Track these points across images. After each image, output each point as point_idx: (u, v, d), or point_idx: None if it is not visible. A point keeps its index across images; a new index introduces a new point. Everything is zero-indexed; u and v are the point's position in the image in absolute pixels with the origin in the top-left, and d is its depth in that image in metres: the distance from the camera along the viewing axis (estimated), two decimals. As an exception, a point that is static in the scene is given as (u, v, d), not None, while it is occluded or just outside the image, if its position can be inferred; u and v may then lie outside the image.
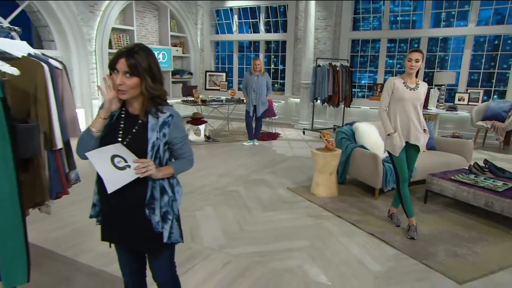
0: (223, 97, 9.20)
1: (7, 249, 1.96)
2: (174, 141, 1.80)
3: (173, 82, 11.00)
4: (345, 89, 8.87)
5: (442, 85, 8.39)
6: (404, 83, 3.67)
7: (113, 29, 9.17)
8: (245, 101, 8.06)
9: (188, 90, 10.10)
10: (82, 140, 1.76)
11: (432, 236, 3.75)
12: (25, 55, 2.08)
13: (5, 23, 6.73)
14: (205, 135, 8.19)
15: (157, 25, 10.78)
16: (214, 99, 8.90)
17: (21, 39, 2.72)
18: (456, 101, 8.67)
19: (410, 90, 3.65)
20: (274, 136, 8.81)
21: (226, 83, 11.34)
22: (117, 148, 1.64)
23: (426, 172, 4.77)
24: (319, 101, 9.06)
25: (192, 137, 7.99)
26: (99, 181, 1.76)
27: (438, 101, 8.37)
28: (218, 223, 4.02)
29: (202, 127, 8.07)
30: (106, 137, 1.73)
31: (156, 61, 1.72)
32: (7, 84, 1.89)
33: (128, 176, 1.65)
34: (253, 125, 8.03)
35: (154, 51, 1.77)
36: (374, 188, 4.79)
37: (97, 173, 1.75)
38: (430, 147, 5.54)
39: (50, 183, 2.33)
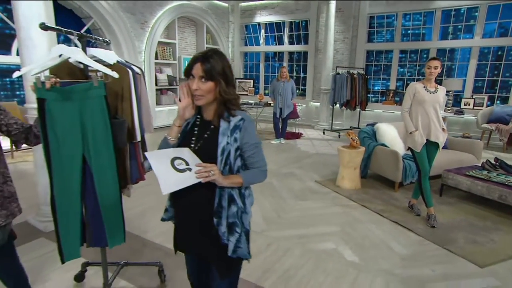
0: (252, 101, 9.23)
1: (110, 218, 2.07)
2: (245, 147, 1.55)
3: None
4: (361, 94, 8.81)
5: (449, 91, 8.23)
6: (424, 87, 3.69)
7: (159, 42, 9.32)
8: (272, 104, 8.08)
9: (220, 95, 10.20)
10: (160, 148, 1.63)
11: (450, 225, 3.71)
12: (115, 62, 2.15)
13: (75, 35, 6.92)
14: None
15: (195, 39, 10.90)
16: (244, 103, 8.93)
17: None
18: (462, 106, 8.51)
19: (430, 93, 3.66)
20: (297, 136, 8.80)
21: (254, 88, 11.37)
22: (181, 152, 1.47)
23: (440, 168, 4.71)
24: (337, 104, 9.03)
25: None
26: None
27: (446, 105, 8.23)
28: (258, 210, 4.06)
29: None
30: (181, 144, 1.59)
31: (229, 64, 1.55)
32: (104, 85, 1.97)
33: (187, 179, 1.42)
34: (279, 125, 8.06)
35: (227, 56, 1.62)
36: (394, 181, 4.76)
37: None
38: (442, 146, 5.46)
39: (131, 170, 2.41)
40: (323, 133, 9.29)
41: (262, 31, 11.48)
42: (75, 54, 1.85)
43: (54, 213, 1.98)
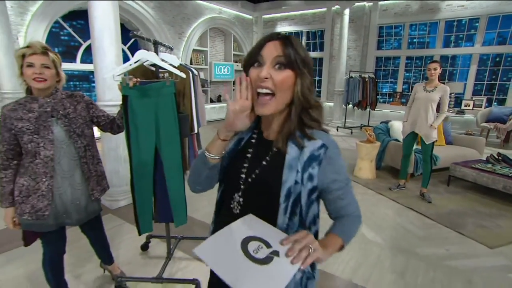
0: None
1: (176, 199, 2.11)
2: (330, 187, 0.90)
3: (234, 90, 11.11)
4: (372, 95, 8.66)
5: (451, 93, 8.07)
6: (424, 87, 3.79)
7: (193, 50, 9.39)
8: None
9: (246, 96, 10.22)
10: (194, 167, 1.00)
11: (458, 211, 3.65)
12: (178, 64, 2.21)
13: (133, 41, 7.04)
14: (262, 130, 8.24)
15: (223, 46, 10.92)
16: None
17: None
18: (463, 107, 8.31)
19: (426, 92, 3.75)
20: (314, 132, 8.73)
21: (274, 91, 11.38)
22: (247, 224, 0.83)
23: (447, 161, 4.66)
24: (350, 104, 8.92)
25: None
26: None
27: (448, 106, 8.06)
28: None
29: (260, 123, 8.13)
30: (228, 169, 0.99)
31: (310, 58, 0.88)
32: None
33: (282, 274, 0.70)
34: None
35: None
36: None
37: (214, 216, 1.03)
38: (448, 142, 5.39)
39: (189, 158, 2.47)
40: (337, 130, 9.19)
41: (282, 40, 11.42)
42: (153, 58, 1.91)
43: (133, 193, 2.05)
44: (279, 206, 0.86)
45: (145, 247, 2.71)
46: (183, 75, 1.97)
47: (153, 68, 2.15)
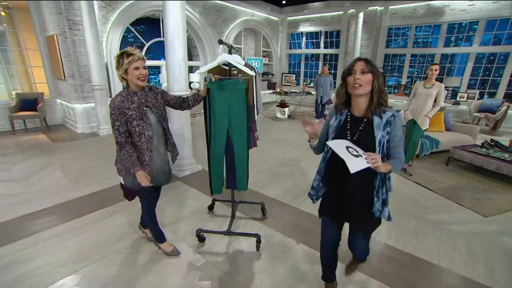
0: (297, 90, 9.11)
1: (241, 170, 2.19)
2: (392, 140, 1.36)
3: (262, 80, 11.05)
4: (379, 87, 8.43)
5: (449, 87, 7.73)
6: (424, 84, 3.73)
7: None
8: (313, 93, 7.94)
9: (271, 85, 10.15)
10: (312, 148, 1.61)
11: (457, 187, 3.61)
12: (244, 63, 2.24)
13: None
14: (288, 114, 8.24)
15: (254, 44, 10.77)
16: (292, 91, 8.85)
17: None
18: (458, 98, 7.96)
19: (425, 89, 3.71)
20: (329, 117, 8.60)
21: (295, 81, 11.20)
22: (348, 142, 1.34)
23: (446, 145, 4.60)
24: (360, 95, 8.69)
25: (279, 115, 8.07)
26: (327, 170, 1.52)
27: (446, 98, 7.76)
28: (313, 169, 4.11)
29: (286, 109, 8.10)
30: (337, 138, 1.40)
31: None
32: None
33: (362, 163, 1.24)
34: (319, 108, 7.85)
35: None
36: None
37: (323, 163, 1.52)
38: (447, 129, 5.26)
39: (249, 140, 2.53)
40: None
41: (304, 38, 11.09)
42: (231, 60, 1.98)
43: (210, 165, 2.17)
44: (375, 151, 1.32)
45: (211, 207, 2.86)
46: (252, 73, 2.03)
47: (226, 67, 2.21)
